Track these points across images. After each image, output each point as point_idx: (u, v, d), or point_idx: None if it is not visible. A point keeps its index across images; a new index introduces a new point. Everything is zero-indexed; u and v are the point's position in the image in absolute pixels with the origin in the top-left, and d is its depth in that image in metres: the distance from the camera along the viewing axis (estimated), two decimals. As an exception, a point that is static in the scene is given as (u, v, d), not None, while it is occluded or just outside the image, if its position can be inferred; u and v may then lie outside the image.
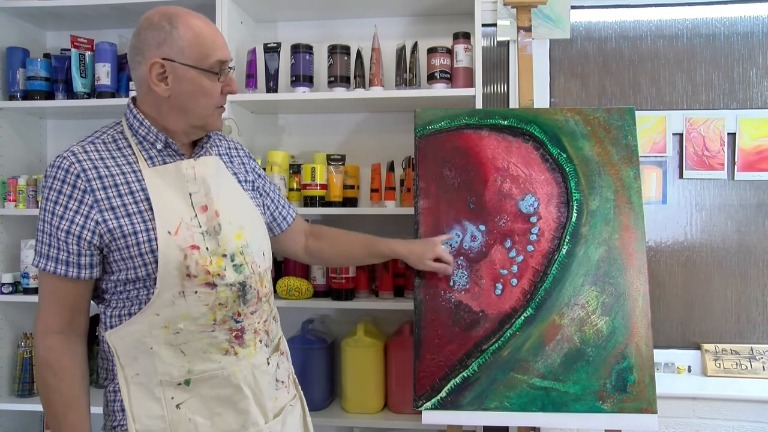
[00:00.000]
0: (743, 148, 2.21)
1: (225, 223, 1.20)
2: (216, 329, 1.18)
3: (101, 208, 1.13)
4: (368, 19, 2.25)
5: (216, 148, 1.34)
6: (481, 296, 1.59)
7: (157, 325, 1.14)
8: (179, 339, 1.15)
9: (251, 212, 1.32)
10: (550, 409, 1.52)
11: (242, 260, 1.21)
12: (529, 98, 1.84)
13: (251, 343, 1.23)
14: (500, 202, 1.63)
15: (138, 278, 1.14)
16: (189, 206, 1.18)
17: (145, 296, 1.15)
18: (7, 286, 2.15)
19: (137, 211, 1.14)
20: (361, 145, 2.27)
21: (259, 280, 1.25)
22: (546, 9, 2.23)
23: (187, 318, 1.15)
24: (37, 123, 2.41)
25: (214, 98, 1.22)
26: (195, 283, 1.14)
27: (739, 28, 2.26)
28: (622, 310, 1.56)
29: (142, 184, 1.16)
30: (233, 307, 1.19)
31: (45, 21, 2.33)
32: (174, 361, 1.15)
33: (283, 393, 1.32)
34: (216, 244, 1.18)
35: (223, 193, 1.24)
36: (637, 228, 1.60)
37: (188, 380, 1.16)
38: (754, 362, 2.17)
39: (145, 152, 1.20)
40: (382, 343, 2.06)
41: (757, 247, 2.23)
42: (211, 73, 1.19)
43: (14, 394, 2.19)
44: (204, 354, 1.17)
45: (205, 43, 1.19)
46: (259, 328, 1.25)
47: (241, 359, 1.20)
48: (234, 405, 1.20)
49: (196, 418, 1.17)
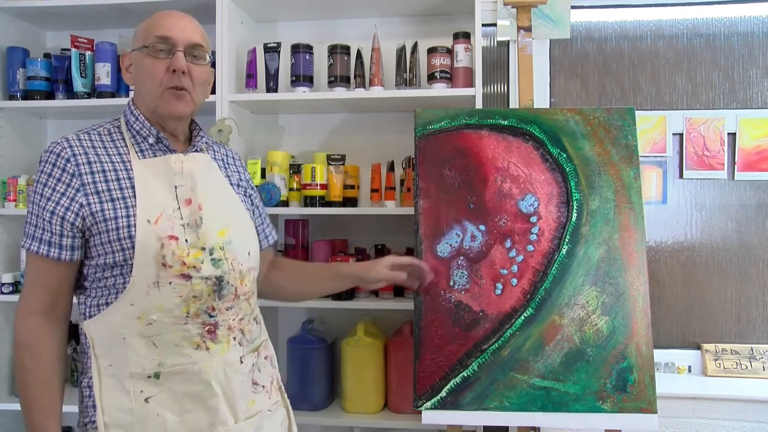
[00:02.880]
0: (743, 148, 2.21)
1: (207, 218, 1.21)
2: (189, 322, 1.17)
3: (87, 192, 1.15)
4: (368, 19, 2.25)
5: (212, 152, 1.35)
6: (481, 296, 1.59)
7: (132, 315, 1.15)
8: (152, 330, 1.15)
9: (239, 212, 1.32)
10: (550, 409, 1.52)
11: (222, 255, 1.21)
12: (529, 98, 1.84)
13: (224, 340, 1.22)
14: (500, 202, 1.63)
15: (115, 264, 1.15)
16: (173, 198, 1.19)
17: (122, 284, 1.15)
18: (7, 286, 2.15)
19: (121, 197, 1.16)
20: (361, 145, 2.27)
21: (239, 277, 1.24)
22: (546, 9, 2.23)
23: (160, 309, 1.15)
24: (37, 123, 2.41)
25: (157, 76, 1.20)
26: (170, 274, 1.15)
27: (739, 28, 2.26)
28: (622, 310, 1.56)
29: (130, 173, 1.19)
30: (208, 300, 1.19)
31: (45, 21, 2.33)
32: (146, 353, 1.15)
33: (262, 397, 1.30)
34: (196, 237, 1.18)
35: (210, 190, 1.25)
36: (637, 228, 1.60)
37: (158, 373, 1.16)
38: (754, 362, 2.17)
39: (137, 145, 1.23)
40: (382, 343, 2.06)
41: (757, 247, 2.23)
42: (147, 48, 1.20)
43: (14, 394, 2.19)
44: (176, 347, 1.17)
45: (150, 25, 1.22)
46: (234, 325, 1.24)
47: (212, 355, 1.20)
48: (204, 402, 1.19)
49: (165, 413, 1.16)
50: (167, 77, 1.20)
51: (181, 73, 1.20)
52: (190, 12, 2.16)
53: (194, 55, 1.23)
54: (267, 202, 2.04)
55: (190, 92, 1.23)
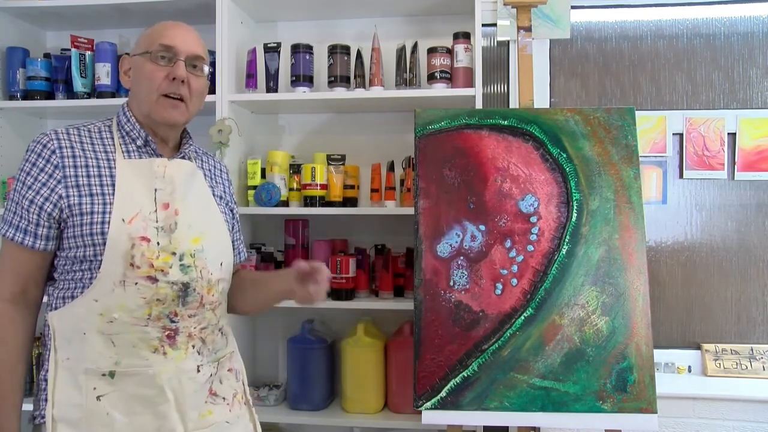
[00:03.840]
0: (743, 148, 2.21)
1: (183, 224, 1.21)
2: (149, 324, 1.18)
3: (67, 185, 1.17)
4: (368, 19, 2.25)
5: (200, 161, 1.37)
6: (481, 296, 1.59)
7: (94, 311, 1.16)
8: (112, 328, 1.16)
9: (217, 222, 1.32)
10: (550, 409, 1.52)
11: (191, 262, 1.21)
12: (529, 98, 1.84)
13: (182, 347, 1.21)
14: (500, 202, 1.63)
15: (85, 258, 1.17)
16: (151, 201, 1.20)
17: (89, 279, 1.17)
18: (7, 286, 2.15)
19: (100, 193, 1.18)
20: (361, 145, 2.27)
21: (207, 286, 1.24)
22: (546, 9, 2.23)
23: (123, 308, 1.16)
24: (37, 123, 2.40)
25: (156, 82, 1.22)
26: (137, 274, 1.16)
27: (739, 28, 2.26)
28: (622, 310, 1.56)
29: (113, 172, 1.21)
30: (171, 305, 1.19)
31: (45, 21, 2.33)
32: (103, 350, 1.16)
33: (220, 409, 1.28)
34: (168, 242, 1.19)
35: (190, 197, 1.26)
36: (637, 228, 1.60)
37: (113, 372, 1.16)
38: (754, 362, 2.17)
39: (125, 146, 1.25)
40: (382, 343, 2.06)
41: (757, 247, 2.23)
42: (150, 54, 1.22)
43: (14, 394, 2.19)
44: (133, 348, 1.17)
45: (154, 32, 1.25)
46: (195, 333, 1.23)
47: (168, 360, 1.19)
48: (154, 407, 1.18)
49: (114, 413, 1.16)
50: (166, 84, 1.22)
51: (180, 82, 1.23)
52: (190, 12, 2.18)
53: (194, 65, 1.26)
54: (267, 202, 2.04)
55: (187, 102, 1.25)
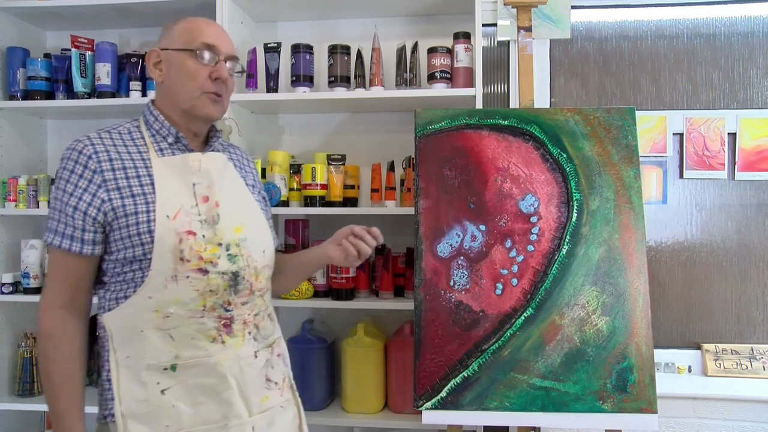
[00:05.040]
0: (743, 148, 2.21)
1: (224, 215, 1.24)
2: (205, 316, 1.20)
3: (108, 188, 1.19)
4: (368, 19, 2.25)
5: (228, 153, 1.40)
6: (482, 296, 1.59)
7: (149, 308, 1.18)
8: (168, 323, 1.18)
9: (254, 211, 1.36)
10: (550, 408, 1.52)
11: (237, 252, 1.24)
12: (529, 98, 1.84)
13: (239, 334, 1.25)
14: (500, 202, 1.63)
15: (135, 258, 1.18)
16: (191, 195, 1.23)
17: (140, 278, 1.18)
18: (7, 286, 2.15)
19: (141, 193, 1.20)
20: (361, 145, 2.27)
21: (254, 273, 1.28)
22: (546, 9, 2.24)
23: (177, 302, 1.18)
24: (37, 123, 2.41)
25: (199, 80, 1.25)
26: (187, 268, 1.18)
27: (739, 28, 2.26)
28: (622, 310, 1.56)
29: (149, 171, 1.23)
30: (224, 295, 1.22)
31: (45, 21, 2.33)
32: (162, 345, 1.18)
33: (274, 393, 1.32)
34: (213, 233, 1.22)
35: (226, 188, 1.29)
36: (637, 228, 1.60)
37: (174, 365, 1.19)
38: (755, 362, 2.17)
39: (157, 144, 1.27)
40: (382, 343, 2.06)
41: (757, 247, 2.23)
42: (194, 52, 1.25)
43: (14, 394, 2.19)
44: (192, 340, 1.20)
45: (194, 30, 1.27)
46: (249, 320, 1.27)
47: (227, 348, 1.22)
48: (218, 395, 1.21)
49: (180, 405, 1.19)
50: (209, 83, 1.26)
51: (221, 82, 1.27)
52: (190, 12, 2.17)
53: (231, 67, 1.31)
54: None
55: (224, 98, 1.30)
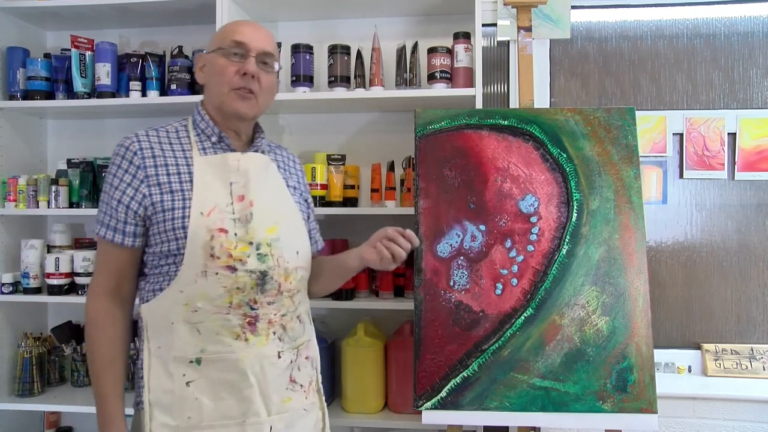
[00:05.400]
0: (743, 148, 2.21)
1: (258, 214, 1.27)
2: (231, 312, 1.23)
3: (149, 183, 1.24)
4: (368, 19, 2.25)
5: (273, 154, 1.42)
6: (482, 296, 1.59)
7: (179, 301, 1.22)
8: (196, 317, 1.22)
9: (292, 212, 1.37)
10: (550, 409, 1.52)
11: (268, 251, 1.27)
12: (529, 98, 1.84)
13: (263, 333, 1.26)
14: (500, 202, 1.63)
15: (170, 252, 1.23)
16: (228, 194, 1.26)
17: (174, 272, 1.23)
18: (7, 286, 2.15)
19: (179, 190, 1.24)
20: (361, 145, 2.27)
21: (284, 274, 1.29)
22: (546, 9, 2.23)
23: (205, 297, 1.22)
24: (37, 123, 2.40)
25: (227, 76, 1.27)
26: (217, 265, 1.21)
27: (739, 28, 2.26)
28: (622, 310, 1.56)
29: (190, 168, 1.27)
30: (250, 293, 1.24)
31: (45, 21, 2.33)
32: (189, 338, 1.22)
33: (298, 395, 1.33)
34: (245, 232, 1.24)
35: (264, 189, 1.31)
36: (638, 228, 1.60)
37: (199, 359, 1.23)
38: (755, 362, 2.17)
39: (201, 143, 1.31)
40: (382, 343, 2.06)
41: (757, 247, 2.23)
42: (222, 50, 1.28)
43: (14, 394, 2.19)
44: (216, 335, 1.23)
45: (228, 29, 1.31)
46: (275, 320, 1.29)
47: (250, 346, 1.25)
48: (239, 392, 1.24)
49: (203, 398, 1.22)
50: (237, 79, 1.27)
51: (251, 77, 1.28)
52: (191, 12, 2.18)
53: (265, 62, 1.30)
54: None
55: (257, 96, 1.30)
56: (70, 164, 2.23)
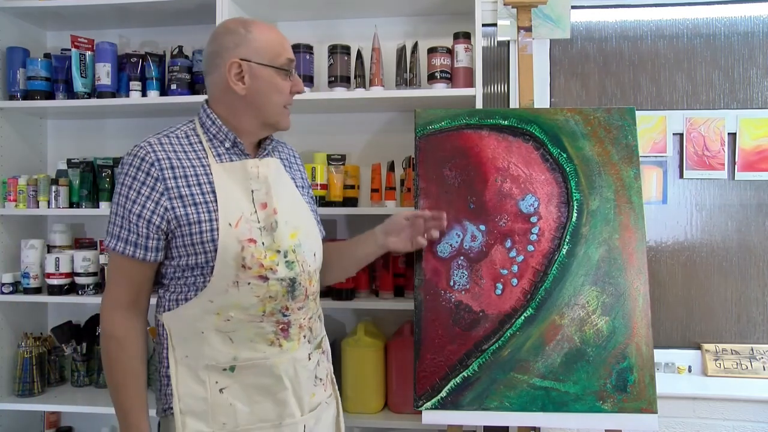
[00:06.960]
0: (743, 148, 2.21)
1: (281, 222, 1.27)
2: (264, 320, 1.24)
3: (171, 196, 1.20)
4: (368, 19, 2.25)
5: (278, 153, 1.43)
6: (482, 296, 1.59)
7: (210, 311, 1.22)
8: (229, 326, 1.22)
9: (306, 214, 1.39)
10: (550, 408, 1.52)
11: (294, 258, 1.28)
12: (529, 98, 1.84)
13: (295, 338, 1.28)
14: (500, 202, 1.63)
15: (197, 265, 1.22)
16: (250, 202, 1.25)
17: (202, 283, 1.22)
18: (7, 286, 2.15)
19: (203, 202, 1.22)
20: (361, 145, 2.27)
21: (308, 278, 1.31)
22: (546, 9, 2.23)
23: (238, 307, 1.22)
24: (37, 123, 2.40)
25: (285, 96, 1.31)
26: (249, 275, 1.21)
27: (739, 28, 2.26)
28: (622, 310, 1.56)
29: (210, 178, 1.24)
30: (282, 301, 1.25)
31: (45, 21, 2.33)
32: (222, 347, 1.22)
33: (320, 390, 1.37)
34: (271, 240, 1.25)
35: (282, 194, 1.31)
36: (638, 228, 1.60)
37: (233, 366, 1.23)
38: (755, 362, 2.17)
39: (214, 149, 1.28)
40: (382, 343, 2.06)
41: (757, 247, 2.23)
42: (282, 71, 1.29)
43: (14, 394, 2.19)
44: (250, 343, 1.24)
45: (276, 44, 1.30)
46: (305, 324, 1.31)
47: (284, 352, 1.26)
48: (273, 395, 1.25)
49: (237, 404, 1.23)
50: (290, 97, 1.33)
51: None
52: (190, 12, 2.18)
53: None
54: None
55: None
56: (70, 164, 2.24)
